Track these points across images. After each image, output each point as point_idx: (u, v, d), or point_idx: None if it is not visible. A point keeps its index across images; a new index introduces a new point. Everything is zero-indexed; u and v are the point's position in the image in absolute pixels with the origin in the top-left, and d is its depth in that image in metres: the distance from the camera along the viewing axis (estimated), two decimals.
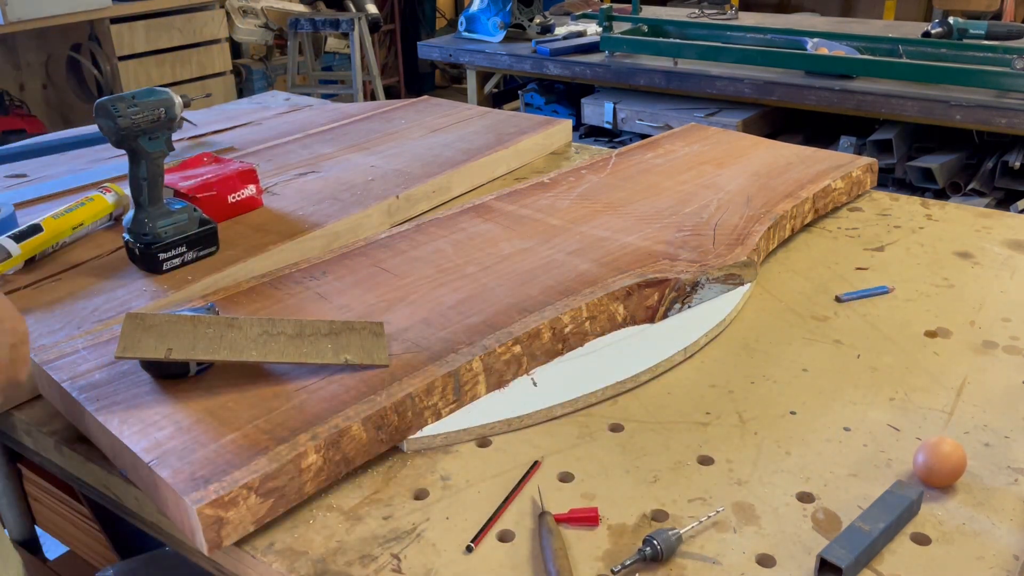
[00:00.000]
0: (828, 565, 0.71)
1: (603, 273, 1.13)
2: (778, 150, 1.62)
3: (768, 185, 1.43)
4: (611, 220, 1.31)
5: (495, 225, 1.30)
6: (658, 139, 1.72)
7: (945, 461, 0.80)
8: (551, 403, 0.95)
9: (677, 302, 1.12)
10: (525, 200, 1.40)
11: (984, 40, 2.76)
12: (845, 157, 1.57)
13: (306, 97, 2.25)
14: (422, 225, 1.31)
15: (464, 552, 0.76)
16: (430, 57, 3.67)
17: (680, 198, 1.39)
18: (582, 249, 1.21)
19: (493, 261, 1.18)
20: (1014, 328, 1.08)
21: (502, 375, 0.98)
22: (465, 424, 0.92)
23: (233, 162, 1.45)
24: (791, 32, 3.03)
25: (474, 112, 1.97)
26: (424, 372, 0.93)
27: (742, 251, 1.19)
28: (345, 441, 0.84)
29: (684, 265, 1.15)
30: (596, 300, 1.07)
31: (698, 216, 1.31)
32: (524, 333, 1.00)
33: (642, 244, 1.22)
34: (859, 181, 1.51)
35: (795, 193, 1.39)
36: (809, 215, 1.40)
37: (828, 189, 1.43)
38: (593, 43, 3.23)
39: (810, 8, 5.26)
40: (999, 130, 2.42)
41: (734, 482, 0.84)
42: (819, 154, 1.59)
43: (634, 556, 0.74)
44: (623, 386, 0.99)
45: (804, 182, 1.44)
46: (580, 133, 3.27)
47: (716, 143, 1.67)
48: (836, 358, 1.03)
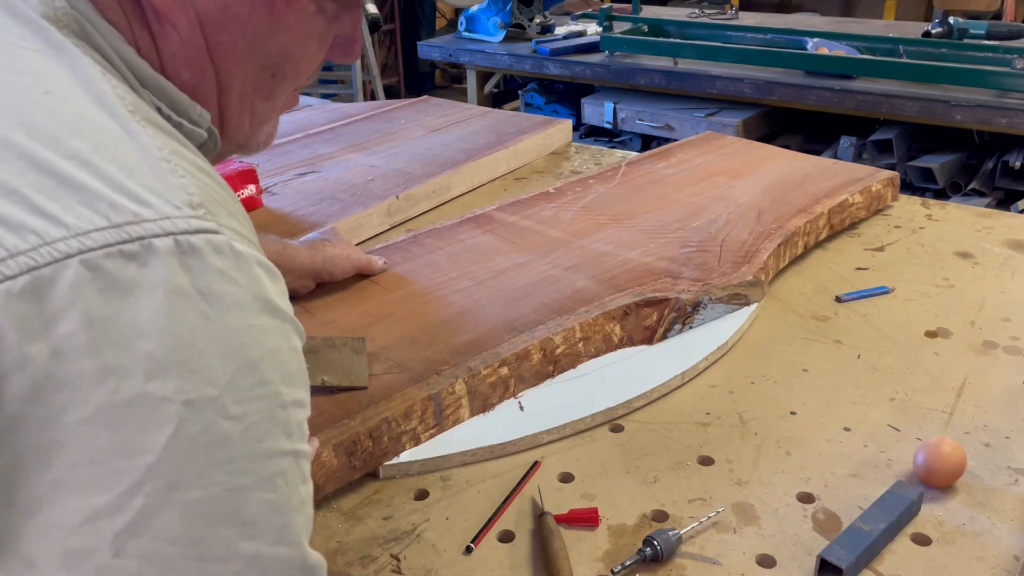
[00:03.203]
0: (828, 565, 0.71)
1: (601, 290, 1.08)
2: (795, 161, 1.55)
3: (782, 199, 1.36)
4: (615, 233, 1.26)
5: (494, 237, 1.27)
6: (671, 148, 1.67)
7: (945, 461, 0.80)
8: (537, 429, 0.90)
9: (677, 323, 1.06)
10: (528, 210, 1.36)
11: (984, 40, 2.76)
12: (865, 170, 1.48)
13: (306, 97, 2.25)
14: (419, 236, 1.28)
15: (463, 553, 0.76)
16: (430, 57, 3.67)
17: (689, 211, 1.33)
18: (581, 264, 1.16)
19: (488, 275, 1.14)
20: (1014, 328, 1.08)
21: (487, 398, 0.94)
22: (444, 451, 0.88)
23: (233, 162, 1.45)
24: (791, 32, 3.04)
25: (474, 112, 1.97)
26: (403, 395, 0.89)
27: (748, 270, 1.13)
28: (314, 468, 0.79)
29: (686, 284, 1.09)
30: (591, 320, 1.02)
31: (706, 231, 1.25)
32: (512, 354, 0.95)
33: (644, 260, 1.16)
34: (879, 195, 1.42)
35: (809, 208, 1.32)
36: (824, 231, 1.33)
37: (845, 204, 1.35)
38: (593, 43, 3.23)
39: (810, 8, 5.26)
40: (999, 130, 2.42)
41: (734, 482, 0.84)
42: (838, 166, 1.52)
43: (634, 556, 0.73)
44: (614, 412, 0.94)
45: (820, 196, 1.36)
46: (580, 133, 3.27)
47: (732, 153, 1.61)
48: (836, 358, 1.03)
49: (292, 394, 0.47)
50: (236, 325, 0.44)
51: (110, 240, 0.41)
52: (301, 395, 0.48)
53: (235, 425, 0.43)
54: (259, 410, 0.44)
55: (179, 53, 0.54)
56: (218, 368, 0.42)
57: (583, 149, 1.83)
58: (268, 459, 0.45)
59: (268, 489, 0.45)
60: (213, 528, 0.43)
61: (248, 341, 0.44)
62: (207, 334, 0.42)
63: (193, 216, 0.44)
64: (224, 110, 0.59)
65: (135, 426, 0.40)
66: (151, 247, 0.41)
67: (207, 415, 0.42)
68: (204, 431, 0.42)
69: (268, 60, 0.58)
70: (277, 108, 0.63)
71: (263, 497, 0.45)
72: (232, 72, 0.57)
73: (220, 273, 0.44)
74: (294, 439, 0.47)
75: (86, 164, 0.43)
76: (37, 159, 0.42)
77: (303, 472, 0.48)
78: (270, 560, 0.45)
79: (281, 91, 0.61)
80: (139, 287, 0.41)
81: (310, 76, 0.64)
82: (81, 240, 0.40)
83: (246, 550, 0.44)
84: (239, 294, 0.44)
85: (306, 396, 0.49)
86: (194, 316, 0.42)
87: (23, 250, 0.39)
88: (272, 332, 0.46)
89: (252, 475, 0.44)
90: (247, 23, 0.55)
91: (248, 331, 0.44)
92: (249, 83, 0.59)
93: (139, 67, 0.52)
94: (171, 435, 0.41)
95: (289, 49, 0.58)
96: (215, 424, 0.42)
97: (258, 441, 0.44)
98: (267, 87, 0.60)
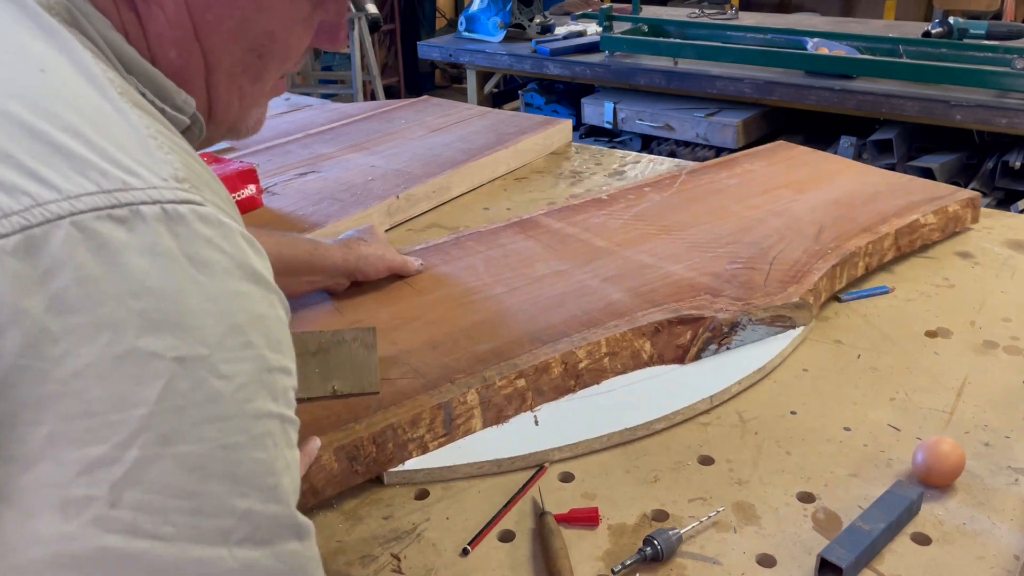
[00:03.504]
0: (828, 565, 0.71)
1: (635, 304, 1.03)
2: (867, 176, 1.45)
3: (846, 216, 1.27)
4: (661, 245, 1.20)
5: (536, 243, 1.23)
6: (737, 157, 1.59)
7: (944, 460, 0.80)
8: (548, 446, 0.87)
9: (712, 343, 1.00)
10: (575, 217, 1.32)
11: (984, 40, 2.76)
12: (944, 188, 1.37)
13: (306, 97, 2.25)
14: (461, 238, 1.27)
15: (461, 555, 0.76)
16: (430, 57, 3.67)
17: (744, 225, 1.26)
18: (620, 276, 1.11)
19: (523, 283, 1.11)
20: (1014, 328, 1.08)
21: (502, 410, 0.91)
22: (451, 461, 0.86)
23: (233, 162, 1.45)
24: (791, 32, 3.04)
25: (474, 112, 1.97)
26: (413, 402, 0.87)
27: (796, 290, 1.06)
28: (313, 470, 0.79)
29: (726, 302, 1.03)
30: (619, 335, 0.97)
31: (758, 246, 1.18)
32: (531, 366, 0.92)
33: (687, 275, 1.11)
34: (956, 217, 1.31)
35: (875, 227, 1.22)
36: (890, 252, 1.23)
37: (916, 225, 1.25)
38: (593, 43, 3.23)
39: (810, 8, 5.26)
40: (999, 130, 2.42)
41: (734, 482, 0.84)
42: (914, 184, 1.41)
43: (634, 556, 0.74)
44: (634, 433, 0.90)
45: (889, 215, 1.26)
46: (580, 133, 3.27)
47: (801, 164, 1.53)
48: (836, 358, 1.03)
49: (278, 360, 0.48)
50: (224, 289, 0.45)
51: (100, 204, 0.42)
52: (287, 363, 0.50)
53: (225, 384, 0.44)
54: (247, 371, 0.45)
55: (166, 33, 0.56)
56: (208, 328, 0.44)
57: (583, 149, 1.84)
58: (257, 419, 0.46)
59: (259, 448, 0.46)
60: (207, 482, 0.44)
61: (235, 306, 0.46)
62: (197, 295, 0.44)
63: (179, 188, 0.45)
64: (212, 90, 0.60)
65: (128, 380, 0.42)
66: (139, 212, 0.43)
67: (198, 372, 0.43)
68: (195, 387, 0.43)
69: (255, 41, 0.59)
70: (265, 92, 0.64)
71: (254, 456, 0.46)
72: (219, 52, 0.58)
73: (207, 240, 0.45)
74: (280, 403, 0.48)
75: (79, 135, 0.44)
76: (32, 128, 0.43)
77: (289, 437, 0.49)
78: (262, 517, 0.46)
79: (268, 73, 0.62)
80: (129, 248, 0.42)
81: (297, 61, 0.65)
82: (72, 203, 0.42)
83: (240, 506, 0.45)
84: (225, 261, 0.46)
85: (292, 365, 0.50)
86: (183, 278, 0.44)
87: (16, 210, 0.41)
88: (258, 299, 0.48)
89: (243, 433, 0.45)
90: (233, 2, 0.57)
91: (235, 296, 0.46)
92: (237, 64, 0.60)
93: (126, 54, 0.54)
94: (162, 389, 0.42)
95: (275, 30, 0.59)
96: (206, 381, 0.44)
97: (247, 401, 0.45)
98: (255, 68, 0.61)
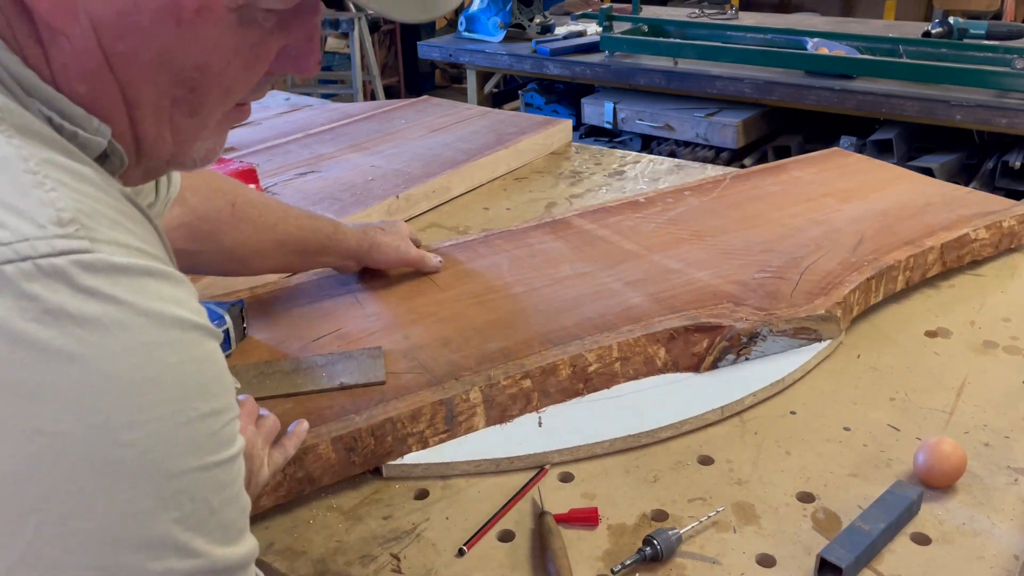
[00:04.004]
0: (828, 565, 0.71)
1: (653, 310, 1.02)
2: (921, 187, 1.39)
3: (891, 227, 1.23)
4: (691, 251, 1.18)
5: (564, 244, 1.23)
6: (786, 163, 1.55)
7: (945, 461, 0.80)
8: (549, 448, 0.87)
9: (730, 352, 0.98)
10: (608, 219, 1.31)
11: (984, 40, 2.76)
12: (1000, 202, 1.31)
13: (306, 97, 2.25)
14: (490, 236, 1.27)
15: (456, 556, 0.76)
16: (430, 57, 3.67)
17: (781, 233, 1.23)
18: (644, 280, 1.10)
19: (544, 283, 1.11)
20: (1014, 328, 1.08)
21: (506, 409, 0.91)
22: (450, 457, 0.86)
23: (233, 162, 1.45)
24: (791, 32, 3.03)
25: (474, 112, 1.97)
26: (415, 396, 0.88)
27: (823, 302, 1.03)
28: (310, 459, 0.81)
29: (747, 311, 1.01)
30: (632, 340, 0.96)
31: (791, 256, 1.15)
32: (537, 368, 0.92)
33: (711, 282, 1.09)
34: (1012, 233, 1.25)
35: (919, 240, 1.18)
36: (935, 267, 1.18)
37: (965, 239, 1.20)
38: (593, 43, 3.23)
39: (810, 8, 5.26)
40: (999, 130, 2.42)
41: (734, 482, 0.84)
42: (970, 196, 1.34)
43: (634, 556, 0.73)
44: (638, 440, 0.89)
45: (936, 228, 1.21)
46: (580, 133, 3.27)
47: (852, 172, 1.48)
48: (836, 358, 1.03)
49: (203, 405, 0.44)
50: (119, 347, 0.41)
51: None
52: (217, 403, 0.46)
53: (127, 451, 0.41)
54: (156, 432, 0.42)
55: (71, 64, 0.50)
56: (101, 394, 0.40)
57: (583, 149, 1.84)
58: (169, 479, 0.43)
59: (173, 508, 0.43)
60: (117, 554, 0.42)
61: (136, 361, 0.42)
62: (81, 361, 0.40)
63: (59, 235, 0.41)
64: (137, 125, 0.54)
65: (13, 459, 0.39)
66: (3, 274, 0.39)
67: (90, 445, 0.40)
68: (91, 460, 0.40)
69: (182, 74, 0.52)
70: (208, 124, 0.57)
71: (168, 516, 0.43)
72: (140, 85, 0.51)
73: (91, 293, 0.41)
74: (204, 452, 0.45)
75: None
76: None
77: (219, 480, 0.46)
78: (182, 572, 0.44)
79: (206, 107, 0.55)
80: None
81: (250, 91, 0.57)
82: None
83: (156, 568, 0.43)
84: (118, 312, 0.41)
85: (225, 400, 0.47)
86: (69, 342, 0.40)
87: None
88: (168, 346, 0.43)
89: (153, 497, 0.42)
90: (150, 34, 0.49)
91: (135, 351, 0.42)
92: (164, 97, 0.53)
93: (24, 77, 0.48)
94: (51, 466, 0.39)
95: (208, 62, 0.52)
96: (104, 451, 0.40)
97: (156, 464, 0.42)
98: (187, 103, 0.54)
